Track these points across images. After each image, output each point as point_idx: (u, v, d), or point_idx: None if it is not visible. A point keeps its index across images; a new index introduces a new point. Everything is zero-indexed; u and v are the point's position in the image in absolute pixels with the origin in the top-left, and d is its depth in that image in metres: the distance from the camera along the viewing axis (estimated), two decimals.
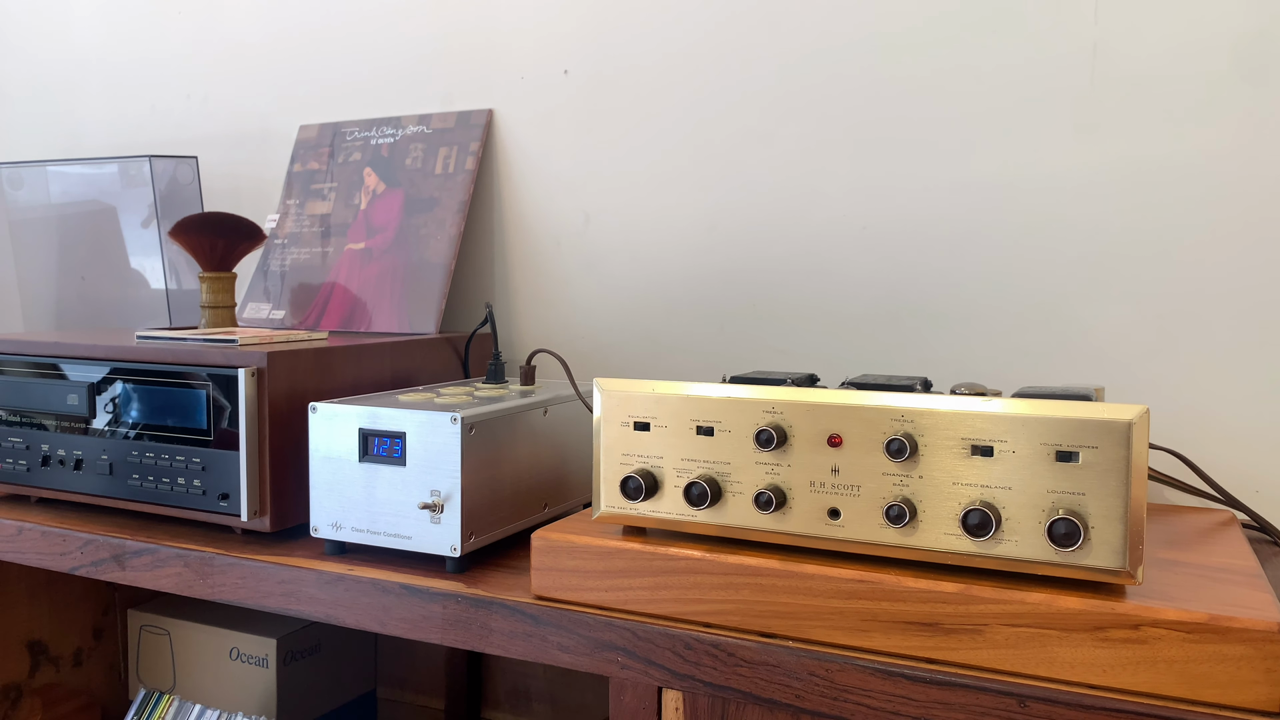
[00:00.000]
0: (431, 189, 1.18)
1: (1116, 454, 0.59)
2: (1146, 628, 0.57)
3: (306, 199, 1.25)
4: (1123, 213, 0.94)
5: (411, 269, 1.15)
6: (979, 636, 0.61)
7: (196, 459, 0.88)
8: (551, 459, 0.90)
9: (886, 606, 0.63)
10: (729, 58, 1.08)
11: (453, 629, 0.74)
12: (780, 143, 1.07)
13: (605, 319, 1.16)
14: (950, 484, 0.63)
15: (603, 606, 0.71)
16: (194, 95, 1.41)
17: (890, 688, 0.62)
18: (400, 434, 0.79)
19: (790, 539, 0.67)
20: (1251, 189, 0.90)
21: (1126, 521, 0.59)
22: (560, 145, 1.17)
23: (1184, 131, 0.92)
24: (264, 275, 1.24)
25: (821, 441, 0.66)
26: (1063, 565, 0.60)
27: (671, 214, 1.12)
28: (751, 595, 0.67)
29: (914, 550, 0.64)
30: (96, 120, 1.50)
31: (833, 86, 1.04)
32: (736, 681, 0.66)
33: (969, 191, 0.99)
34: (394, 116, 1.24)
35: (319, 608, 0.80)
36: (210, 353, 0.88)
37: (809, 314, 1.06)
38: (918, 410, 0.64)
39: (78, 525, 0.92)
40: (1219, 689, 0.56)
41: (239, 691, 1.13)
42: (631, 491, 0.71)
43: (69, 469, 0.95)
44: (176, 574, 0.86)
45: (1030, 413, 0.61)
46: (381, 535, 0.80)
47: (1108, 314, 0.95)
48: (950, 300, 1.00)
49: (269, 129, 1.36)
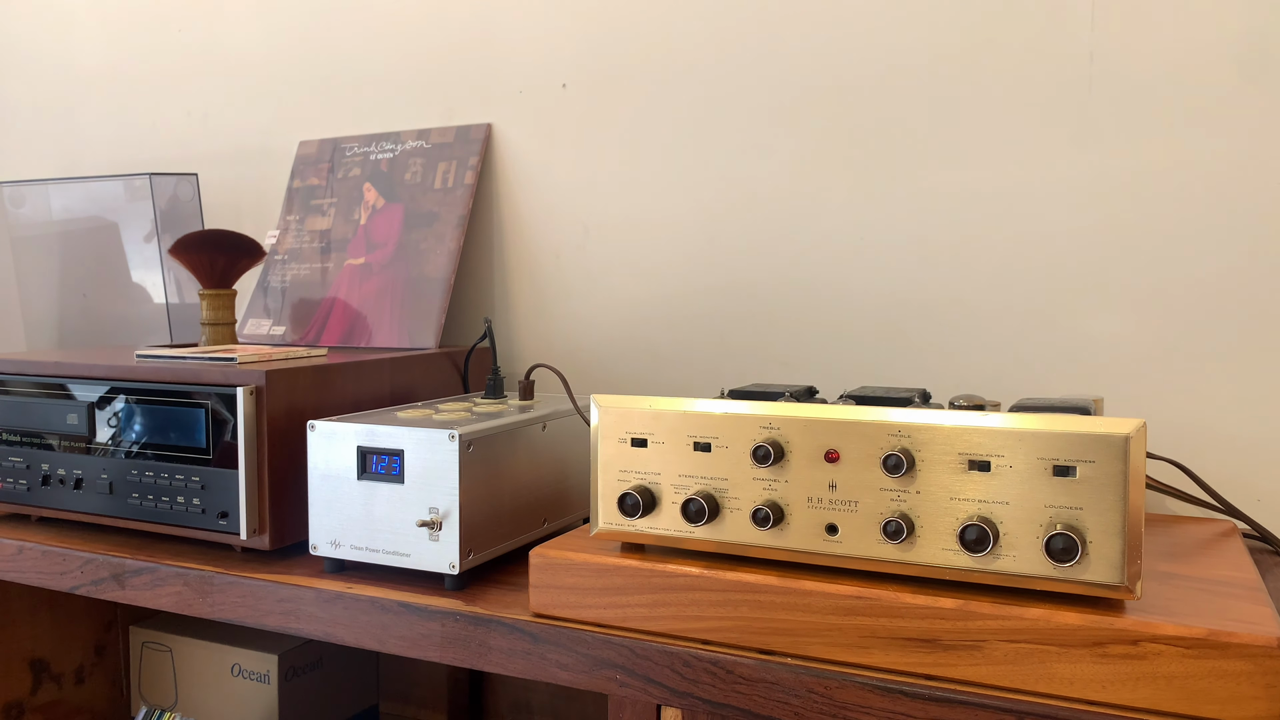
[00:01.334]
0: (431, 204, 1.18)
1: (1114, 468, 0.58)
2: (1145, 643, 0.57)
3: (306, 215, 1.26)
4: (1122, 221, 0.94)
5: (411, 284, 1.16)
6: (977, 653, 0.61)
7: (196, 478, 0.88)
8: (551, 474, 0.90)
9: (885, 623, 0.63)
10: (727, 70, 1.08)
11: (451, 647, 0.74)
12: (779, 154, 1.07)
13: (605, 332, 1.16)
14: (948, 499, 0.63)
15: (601, 624, 0.71)
16: (194, 112, 1.42)
17: (889, 704, 0.61)
18: (398, 451, 0.79)
19: (788, 555, 0.67)
20: (1251, 196, 0.90)
21: (1125, 536, 0.58)
22: (559, 158, 1.17)
23: (1182, 139, 0.92)
24: (264, 291, 1.24)
25: (819, 457, 0.66)
26: (1061, 580, 0.60)
27: (671, 226, 1.12)
28: (750, 612, 0.66)
29: (912, 566, 0.64)
30: (98, 138, 1.51)
31: (831, 98, 1.04)
32: (735, 699, 0.65)
33: (968, 201, 0.99)
34: (393, 132, 1.24)
35: (318, 626, 0.80)
36: (209, 371, 0.88)
37: (810, 325, 1.06)
38: (914, 425, 0.63)
39: (78, 544, 0.92)
40: (1218, 705, 0.55)
41: (241, 708, 1.13)
42: (629, 508, 0.71)
43: (69, 488, 0.95)
44: (176, 593, 0.86)
45: (1027, 427, 0.61)
46: (380, 553, 0.80)
47: (1107, 323, 0.95)
48: (950, 310, 1.00)
49: (269, 145, 1.36)
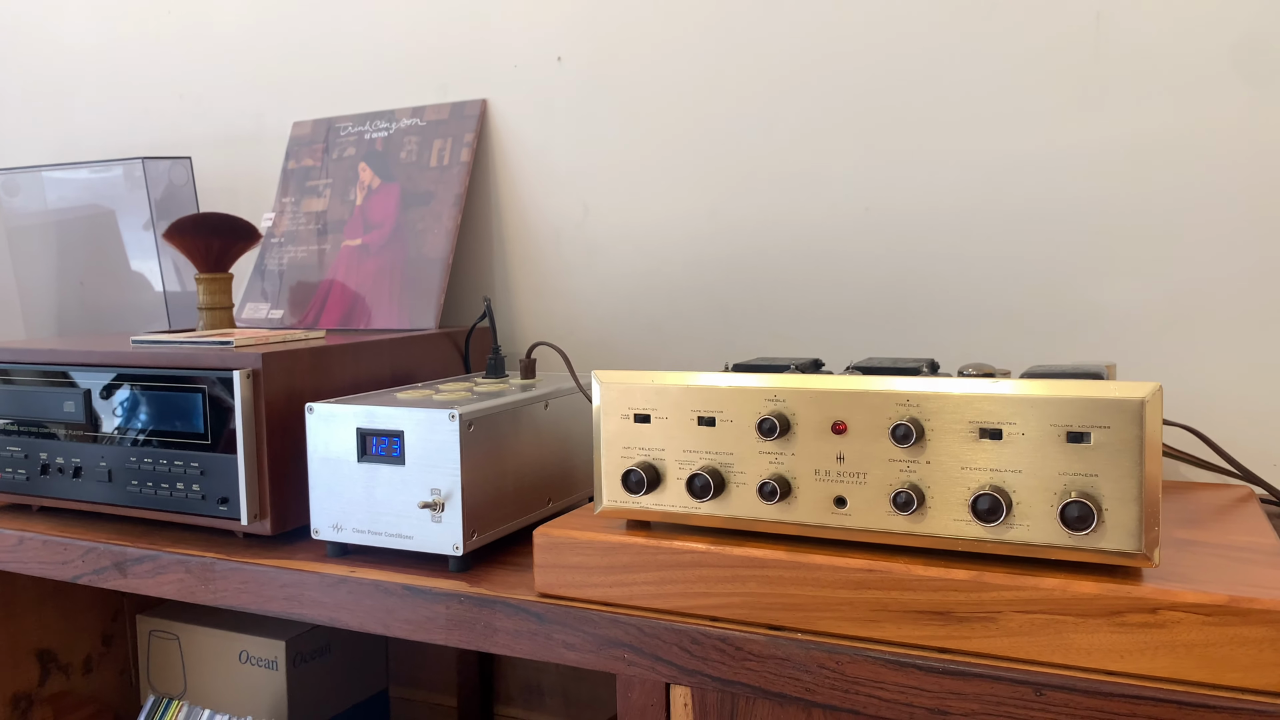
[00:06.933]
0: (427, 182, 1.17)
1: (1129, 433, 0.57)
2: (1164, 611, 0.56)
3: (302, 196, 1.24)
4: (1130, 187, 0.92)
5: (409, 264, 1.14)
6: (992, 624, 0.59)
7: (195, 463, 0.87)
8: (554, 453, 0.89)
9: (896, 596, 0.62)
10: (727, 41, 1.06)
11: (457, 629, 0.73)
12: (781, 125, 1.05)
13: (608, 310, 1.15)
14: (959, 469, 0.61)
15: (608, 603, 0.70)
16: (187, 95, 1.40)
17: (902, 679, 0.60)
18: (398, 433, 0.78)
19: (796, 529, 0.66)
20: (1261, 159, 0.88)
21: (1141, 502, 0.57)
22: (556, 134, 1.15)
23: (1190, 103, 0.89)
24: (261, 275, 1.23)
25: (826, 429, 0.65)
26: (1076, 549, 0.58)
27: (672, 201, 1.10)
28: (758, 587, 0.65)
29: (923, 538, 0.62)
30: (90, 124, 1.49)
31: (834, 67, 1.02)
32: (745, 676, 0.64)
33: (973, 170, 0.97)
34: (387, 110, 1.22)
35: (322, 611, 0.79)
36: (205, 355, 0.87)
37: (814, 298, 1.04)
38: (923, 394, 0.62)
39: (79, 534, 0.91)
40: (1241, 672, 0.54)
41: (249, 694, 1.13)
42: (633, 485, 0.70)
43: (69, 477, 0.94)
44: (178, 580, 0.85)
45: (1039, 393, 0.59)
46: (383, 536, 0.79)
47: (1117, 291, 0.93)
48: (957, 280, 0.99)
49: (263, 127, 1.35)
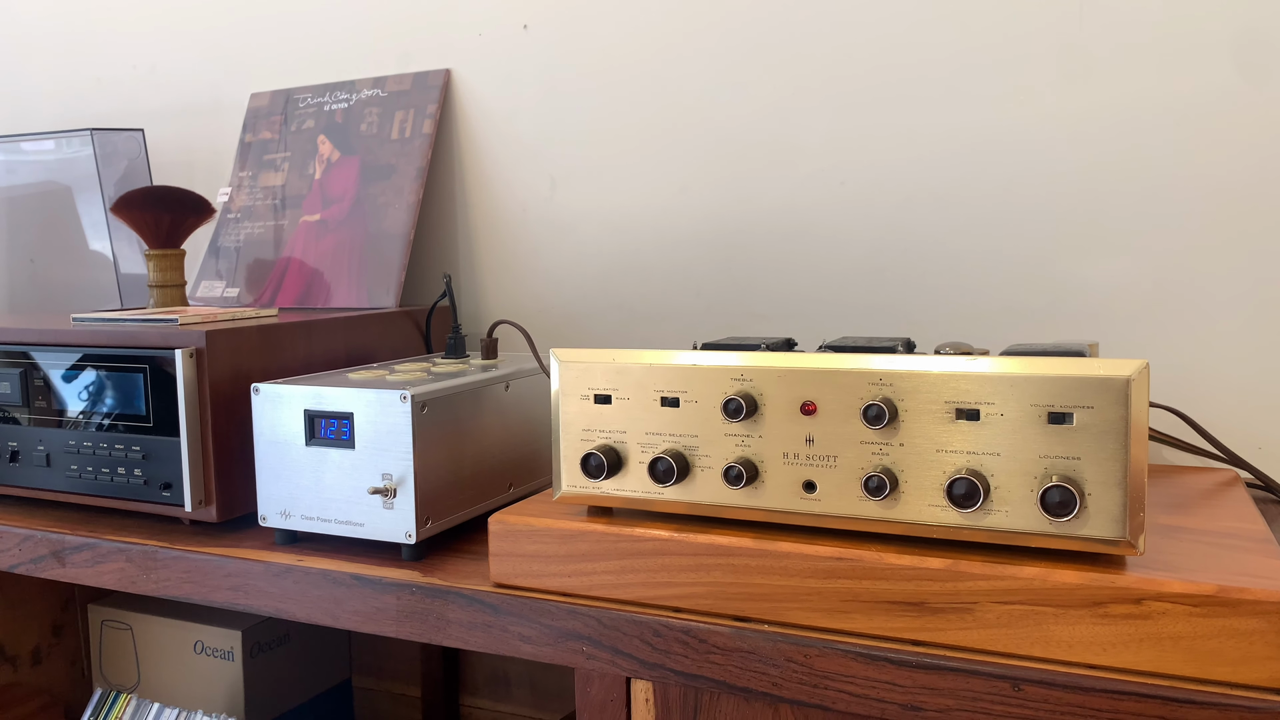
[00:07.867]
0: (388, 155, 1.12)
1: (1114, 414, 0.54)
2: (1150, 602, 0.53)
3: (260, 170, 1.19)
4: (1114, 162, 0.89)
5: (369, 240, 1.10)
6: (968, 615, 0.56)
7: (136, 447, 0.83)
8: (516, 436, 0.85)
9: (868, 585, 0.58)
10: (698, 6, 1.02)
11: (408, 621, 0.69)
12: (754, 95, 1.01)
13: (576, 288, 1.11)
14: (934, 451, 0.58)
15: (566, 593, 0.66)
16: (140, 65, 1.35)
17: (874, 673, 0.57)
18: (348, 415, 0.74)
19: (764, 515, 0.63)
20: (1248, 134, 0.85)
21: (1126, 487, 0.54)
22: (522, 105, 1.11)
23: (1176, 76, 0.86)
24: (216, 253, 1.18)
25: (794, 410, 0.61)
26: (1057, 536, 0.55)
27: (642, 175, 1.06)
28: (723, 577, 0.62)
29: (896, 524, 0.59)
30: (40, 93, 1.44)
31: (809, 34, 0.98)
32: (710, 670, 0.61)
33: (954, 142, 0.94)
34: (347, 80, 1.17)
35: (268, 601, 0.75)
36: (147, 334, 0.83)
37: (789, 276, 1.01)
38: (897, 373, 0.59)
39: (16, 521, 0.87)
40: (1230, 666, 0.51)
41: (204, 686, 1.09)
42: (593, 470, 0.66)
43: (5, 461, 0.90)
44: (119, 569, 0.81)
45: (1019, 371, 0.56)
46: (332, 523, 0.75)
47: (1100, 268, 0.90)
48: (936, 257, 0.95)
49: (220, 98, 1.29)
